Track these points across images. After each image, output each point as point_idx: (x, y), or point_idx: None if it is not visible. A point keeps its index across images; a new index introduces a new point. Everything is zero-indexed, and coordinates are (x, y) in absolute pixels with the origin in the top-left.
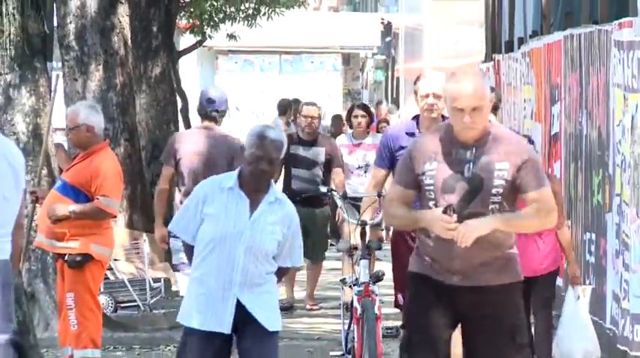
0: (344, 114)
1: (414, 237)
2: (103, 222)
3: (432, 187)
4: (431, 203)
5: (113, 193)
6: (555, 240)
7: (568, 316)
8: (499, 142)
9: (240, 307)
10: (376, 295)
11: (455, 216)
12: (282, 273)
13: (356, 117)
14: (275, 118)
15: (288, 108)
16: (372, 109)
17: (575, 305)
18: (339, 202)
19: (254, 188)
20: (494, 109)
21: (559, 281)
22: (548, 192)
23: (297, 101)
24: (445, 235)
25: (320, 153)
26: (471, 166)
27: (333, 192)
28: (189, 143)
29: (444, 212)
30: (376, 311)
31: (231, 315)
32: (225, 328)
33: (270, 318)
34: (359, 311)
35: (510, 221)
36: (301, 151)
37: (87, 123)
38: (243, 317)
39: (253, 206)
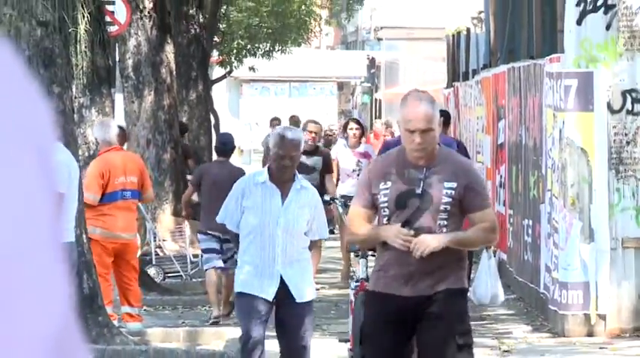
0: (336, 128)
1: None
2: (93, 210)
3: (386, 204)
4: (385, 219)
5: (87, 188)
6: None
7: (482, 271)
8: (448, 163)
9: (282, 281)
10: None
11: (412, 231)
12: (314, 245)
13: (351, 129)
14: None
15: (297, 123)
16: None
17: (488, 263)
18: (341, 209)
19: (281, 180)
20: (445, 126)
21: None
22: (492, 213)
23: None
24: (402, 248)
25: (319, 161)
26: (422, 184)
27: (335, 201)
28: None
29: (402, 226)
30: None
31: (275, 287)
32: (269, 296)
33: (304, 292)
34: (354, 303)
35: (460, 239)
36: (304, 159)
37: (95, 136)
38: (283, 290)
39: (284, 195)
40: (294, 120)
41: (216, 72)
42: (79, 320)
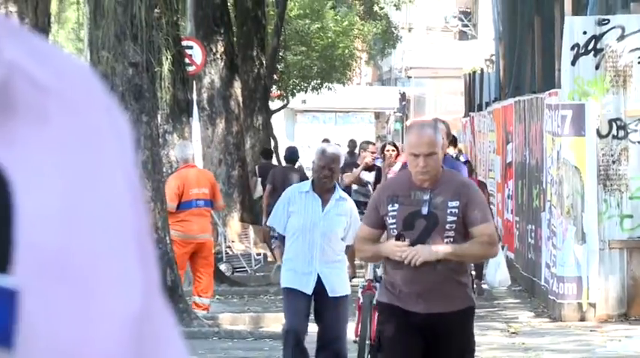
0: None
1: None
2: (173, 216)
3: (394, 225)
4: (394, 239)
5: (167, 199)
6: None
7: (492, 262)
8: (450, 184)
9: (319, 278)
10: (376, 289)
11: (407, 241)
12: (349, 250)
13: (388, 151)
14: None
15: (354, 145)
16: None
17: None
18: None
19: (322, 190)
20: (455, 143)
21: None
22: (491, 227)
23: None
24: (396, 257)
25: (372, 175)
26: (428, 205)
27: None
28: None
29: (397, 239)
30: (374, 302)
31: (314, 282)
32: (308, 290)
33: (338, 288)
34: (361, 301)
35: (457, 251)
36: (364, 174)
37: (175, 155)
38: (320, 285)
39: (324, 203)
40: (352, 143)
41: (275, 104)
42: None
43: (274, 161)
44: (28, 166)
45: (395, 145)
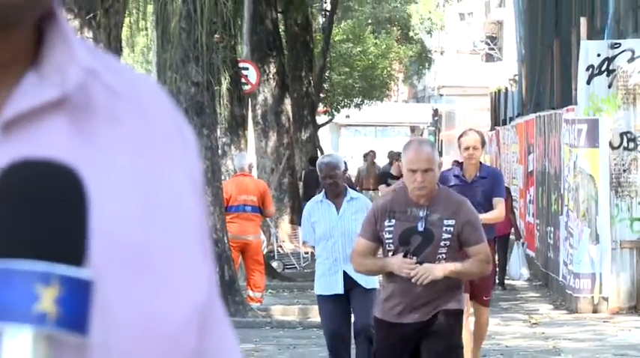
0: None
1: None
2: (228, 219)
3: (391, 240)
4: (390, 253)
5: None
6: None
7: (513, 256)
8: (447, 202)
9: (346, 275)
10: None
11: (414, 258)
12: None
13: None
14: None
15: (392, 157)
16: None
17: (517, 252)
18: None
19: (333, 195)
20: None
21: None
22: (486, 246)
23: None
24: (404, 274)
25: None
26: (424, 222)
27: None
28: None
29: (404, 256)
30: None
31: (342, 281)
32: (339, 289)
33: (366, 280)
34: None
35: (458, 270)
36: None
37: (234, 164)
38: (349, 282)
39: (338, 207)
40: (391, 154)
41: (322, 118)
42: (221, 300)
43: None
44: (103, 163)
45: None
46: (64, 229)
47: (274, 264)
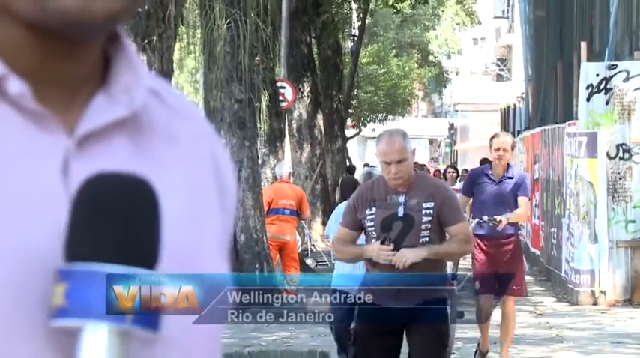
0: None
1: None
2: (269, 221)
3: (373, 228)
4: (373, 240)
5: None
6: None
7: None
8: (424, 186)
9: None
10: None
11: (392, 245)
12: None
13: (449, 172)
14: None
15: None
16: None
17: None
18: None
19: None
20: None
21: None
22: (465, 226)
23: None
24: (383, 261)
25: None
26: (404, 208)
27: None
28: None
29: (382, 243)
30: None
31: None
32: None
33: None
34: None
35: (437, 251)
36: None
37: (275, 172)
38: None
39: None
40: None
41: (350, 132)
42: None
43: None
44: (162, 177)
45: (455, 167)
46: (140, 235)
47: (308, 261)
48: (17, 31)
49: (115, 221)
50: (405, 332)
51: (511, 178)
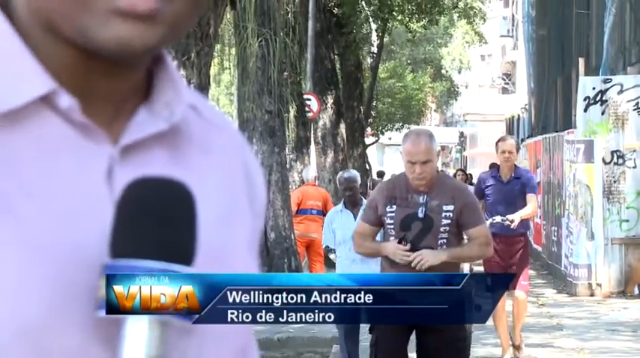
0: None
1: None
2: (294, 218)
3: (392, 226)
4: (391, 238)
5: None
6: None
7: None
8: (446, 188)
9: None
10: None
11: (408, 245)
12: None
13: (459, 175)
14: None
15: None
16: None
17: None
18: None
19: (351, 205)
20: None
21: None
22: (486, 228)
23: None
24: (400, 261)
25: None
26: (424, 209)
27: None
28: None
29: (399, 242)
30: None
31: None
32: None
33: None
34: None
35: (458, 255)
36: None
37: (302, 176)
38: None
39: (355, 215)
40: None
41: (369, 139)
42: None
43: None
44: (199, 184)
45: (464, 171)
46: (177, 234)
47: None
48: (66, 52)
49: (154, 221)
50: (417, 332)
51: (518, 178)
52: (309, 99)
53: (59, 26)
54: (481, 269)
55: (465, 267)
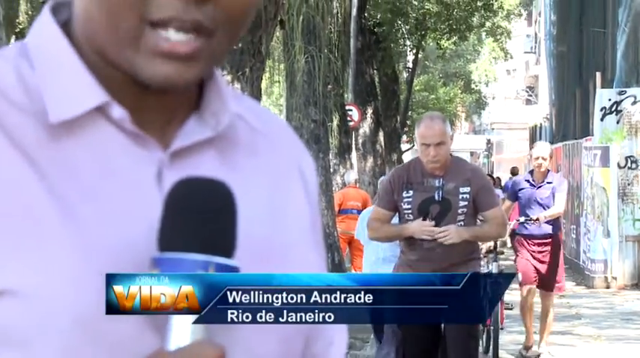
0: None
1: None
2: (337, 217)
3: (409, 211)
4: (409, 223)
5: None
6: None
7: None
8: (461, 171)
9: None
10: None
11: (433, 222)
12: None
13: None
14: None
15: None
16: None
17: None
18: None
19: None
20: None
21: None
22: (501, 210)
23: None
24: (425, 236)
25: None
26: (441, 192)
27: None
28: None
29: (423, 219)
30: None
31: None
32: None
33: None
34: None
35: (478, 234)
36: None
37: (344, 178)
38: None
39: None
40: None
41: (405, 146)
42: None
43: None
44: (244, 184)
45: (491, 175)
46: (219, 229)
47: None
48: (118, 74)
49: (197, 217)
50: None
51: (550, 183)
52: (350, 110)
53: (109, 56)
54: (512, 270)
55: (494, 268)
